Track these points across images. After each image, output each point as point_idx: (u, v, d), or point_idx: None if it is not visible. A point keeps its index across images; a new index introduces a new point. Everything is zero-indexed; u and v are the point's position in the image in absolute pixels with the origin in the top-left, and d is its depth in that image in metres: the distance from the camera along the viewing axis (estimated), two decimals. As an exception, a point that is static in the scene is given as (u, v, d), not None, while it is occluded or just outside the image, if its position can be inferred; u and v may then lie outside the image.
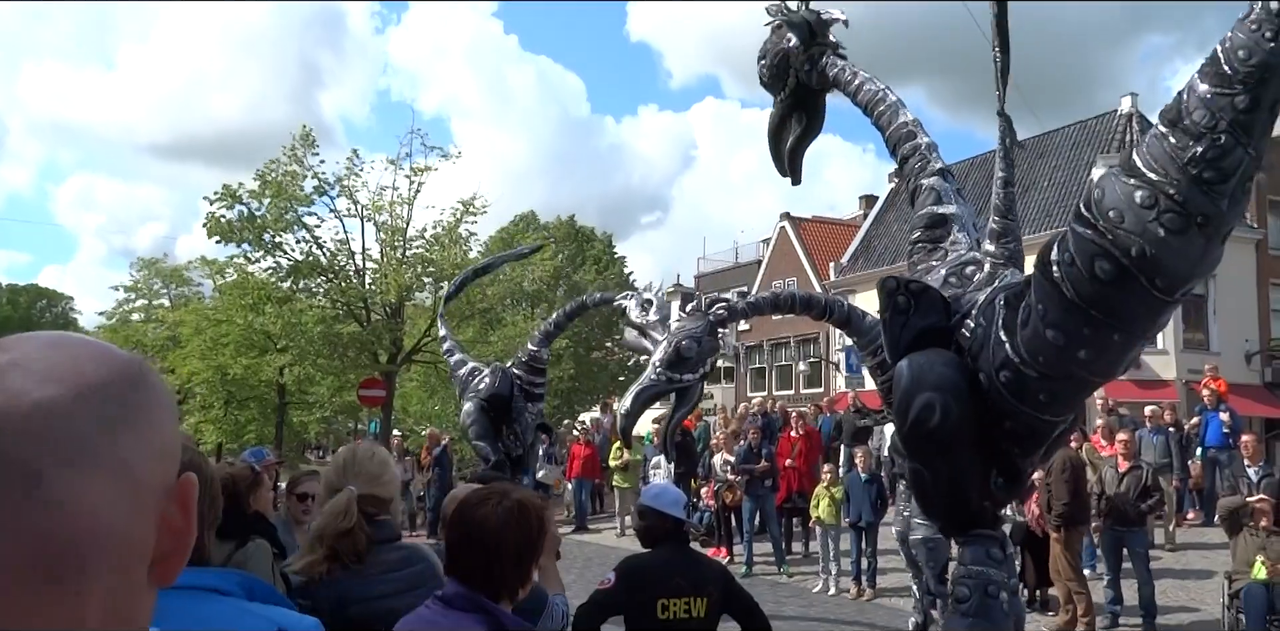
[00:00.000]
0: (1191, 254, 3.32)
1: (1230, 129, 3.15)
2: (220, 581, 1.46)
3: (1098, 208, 3.38)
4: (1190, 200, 3.18)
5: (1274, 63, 3.09)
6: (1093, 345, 3.57)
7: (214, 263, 27.21)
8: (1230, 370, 21.87)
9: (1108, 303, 3.45)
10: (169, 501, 0.69)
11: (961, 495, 4.07)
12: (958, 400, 3.89)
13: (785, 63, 5.64)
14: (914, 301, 4.23)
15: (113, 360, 0.69)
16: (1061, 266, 3.50)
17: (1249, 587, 7.35)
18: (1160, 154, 3.24)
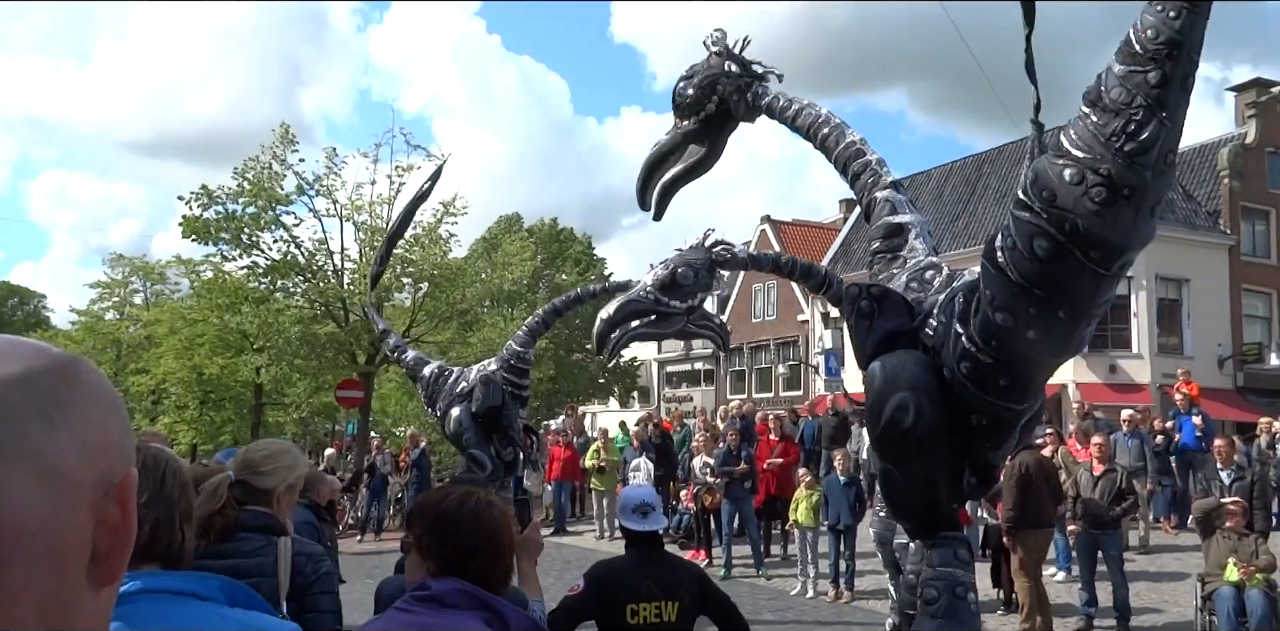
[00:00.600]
0: (1123, 225, 3.47)
1: (1146, 103, 3.33)
2: (200, 585, 1.44)
3: (1032, 189, 3.54)
4: (1116, 173, 3.35)
5: (1179, 39, 3.29)
6: (1040, 324, 3.71)
7: (190, 262, 26.93)
8: (1204, 374, 22.16)
9: (1049, 280, 3.59)
10: (107, 499, 0.68)
11: (933, 497, 4.13)
12: (931, 400, 3.97)
13: (712, 89, 5.69)
14: (877, 305, 4.37)
15: (38, 357, 0.68)
16: (1005, 251, 3.66)
17: (1221, 590, 7.43)
18: (1084, 133, 3.42)
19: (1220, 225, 24.74)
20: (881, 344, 4.28)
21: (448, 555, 1.91)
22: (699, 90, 5.75)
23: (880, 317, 4.35)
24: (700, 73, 5.81)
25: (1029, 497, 8.15)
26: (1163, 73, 3.34)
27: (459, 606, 1.79)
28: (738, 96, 5.65)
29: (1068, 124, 3.56)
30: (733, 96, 5.65)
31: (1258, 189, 25.15)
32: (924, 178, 32.19)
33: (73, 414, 0.67)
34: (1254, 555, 7.55)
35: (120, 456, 0.71)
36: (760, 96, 5.62)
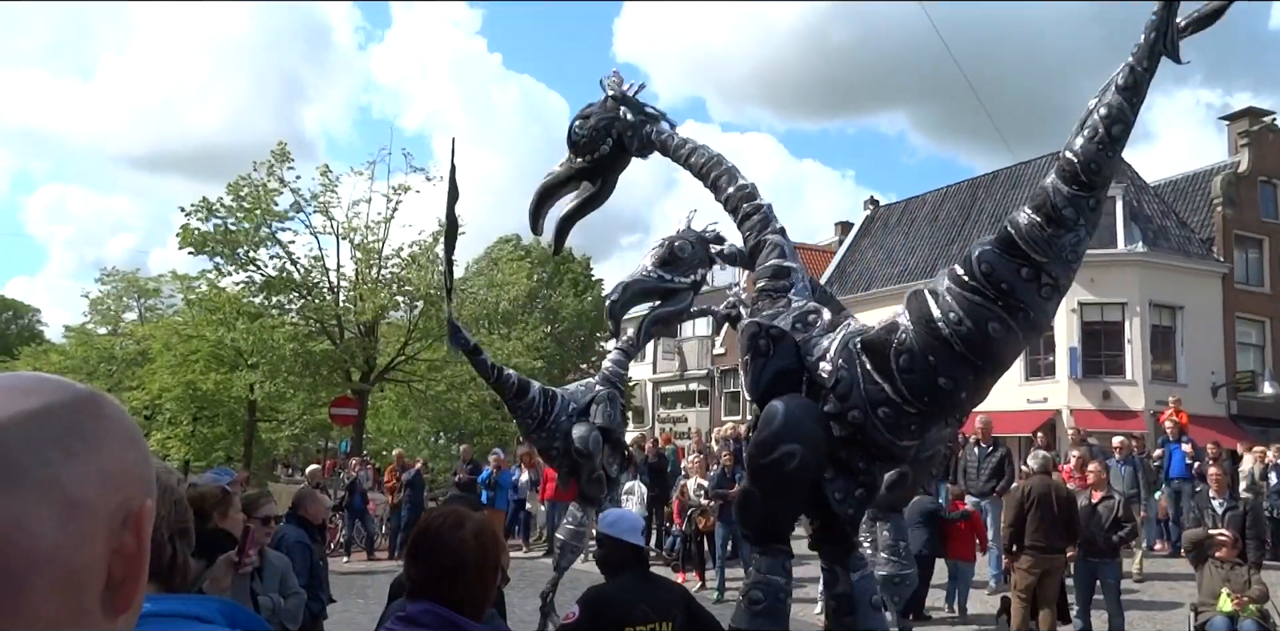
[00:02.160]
0: (1050, 315, 4.44)
1: (1085, 222, 4.26)
2: (201, 608, 1.44)
3: (989, 279, 4.27)
4: (1060, 276, 4.26)
5: (1110, 172, 4.30)
6: (973, 387, 4.50)
7: (184, 277, 26.92)
8: (1197, 402, 22.19)
9: (992, 353, 4.36)
10: (124, 529, 0.70)
11: (776, 520, 4.81)
12: (815, 454, 4.58)
13: (606, 131, 6.06)
14: (773, 345, 4.90)
15: (60, 391, 0.71)
16: (949, 324, 4.32)
17: (1214, 620, 7.41)
18: (1042, 241, 4.21)
19: (1214, 253, 24.88)
20: (773, 382, 4.82)
21: (415, 576, 2.00)
22: (594, 131, 6.09)
23: (774, 357, 4.87)
24: (596, 114, 6.16)
25: (1031, 522, 8.21)
26: (1097, 198, 4.26)
27: (428, 625, 1.87)
28: (633, 133, 6.02)
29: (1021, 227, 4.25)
30: (628, 132, 6.02)
31: (1251, 218, 25.33)
32: (919, 202, 32.38)
33: (92, 445, 0.69)
34: (1247, 585, 7.54)
35: (138, 486, 0.73)
36: (657, 134, 5.99)
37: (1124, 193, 24.18)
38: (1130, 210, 24.17)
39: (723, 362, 35.92)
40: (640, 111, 6.12)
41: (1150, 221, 24.64)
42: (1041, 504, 8.27)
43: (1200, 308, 24.12)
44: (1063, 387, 23.52)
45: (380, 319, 22.39)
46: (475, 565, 1.96)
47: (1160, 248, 24.09)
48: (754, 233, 5.54)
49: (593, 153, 6.15)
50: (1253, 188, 25.50)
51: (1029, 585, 8.23)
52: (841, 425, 4.65)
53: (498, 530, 2.13)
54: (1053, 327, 23.94)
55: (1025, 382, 23.79)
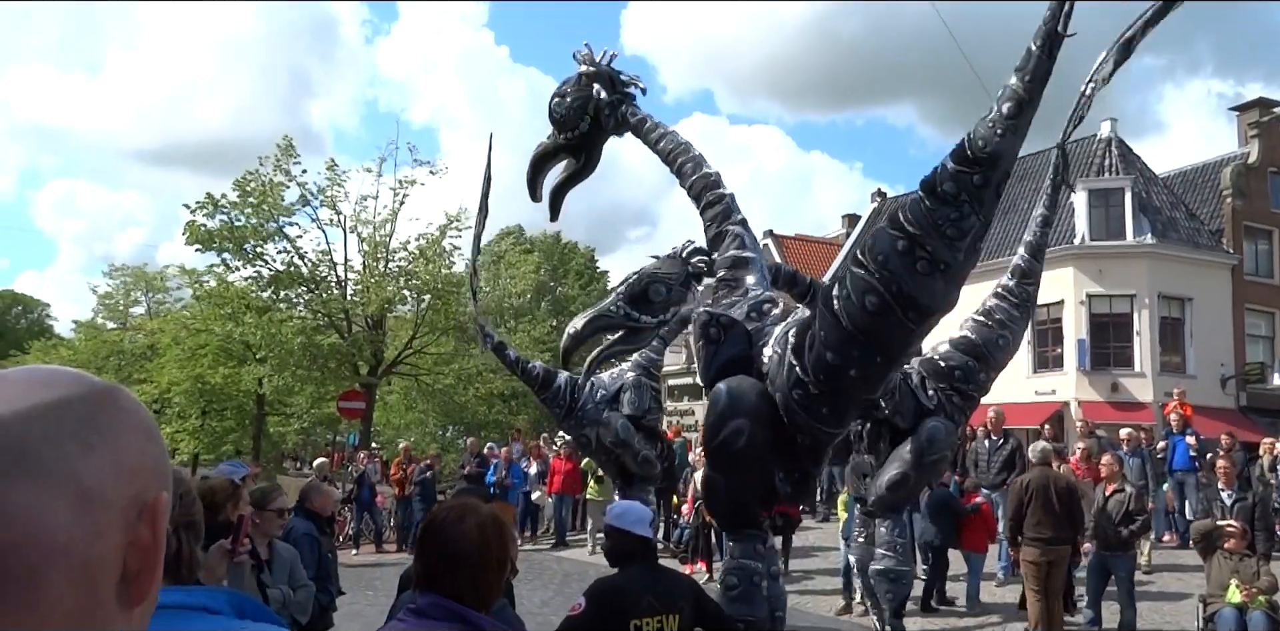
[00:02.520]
0: (936, 292, 4.33)
1: (969, 199, 4.21)
2: (209, 599, 1.45)
3: (870, 253, 4.36)
4: (937, 251, 4.22)
5: (1001, 152, 4.21)
6: (860, 365, 4.53)
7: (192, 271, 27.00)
8: (1206, 394, 22.12)
9: (873, 330, 4.40)
10: (140, 521, 0.70)
11: (744, 502, 4.90)
12: (762, 427, 4.71)
13: (584, 109, 6.24)
14: (724, 333, 5.09)
15: (76, 384, 0.72)
16: (840, 300, 4.44)
17: (1223, 611, 7.40)
18: (919, 214, 4.25)
19: (1223, 244, 24.76)
20: (723, 368, 5.01)
21: (421, 568, 2.02)
22: (570, 110, 6.30)
23: (725, 344, 5.06)
24: (571, 93, 6.34)
25: (1030, 514, 8.22)
26: (985, 176, 4.23)
27: (437, 619, 1.89)
28: (609, 111, 6.19)
29: (905, 203, 4.40)
30: (604, 111, 6.20)
31: (1260, 209, 25.18)
32: (927, 194, 32.28)
33: (108, 438, 0.70)
34: (1256, 576, 7.52)
35: (154, 479, 0.73)
36: (631, 114, 6.18)
37: (1132, 184, 24.05)
38: (1139, 202, 24.05)
39: (730, 355, 35.94)
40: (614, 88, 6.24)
41: (1159, 213, 24.51)
42: (1041, 496, 8.28)
43: (1209, 299, 24.01)
44: (1071, 379, 23.45)
45: (388, 312, 22.45)
46: (480, 557, 1.96)
47: (1169, 239, 23.97)
48: (715, 223, 5.72)
49: (573, 130, 6.33)
50: (1262, 179, 25.34)
51: (1038, 576, 8.23)
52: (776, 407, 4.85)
53: (507, 523, 2.13)
54: (1060, 319, 23.89)
55: (1033, 375, 23.73)
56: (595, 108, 6.20)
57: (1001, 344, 7.18)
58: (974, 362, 7.21)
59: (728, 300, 5.44)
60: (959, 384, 7.13)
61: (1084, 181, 24.52)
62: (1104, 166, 25.25)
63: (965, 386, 7.13)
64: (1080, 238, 24.01)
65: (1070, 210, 24.75)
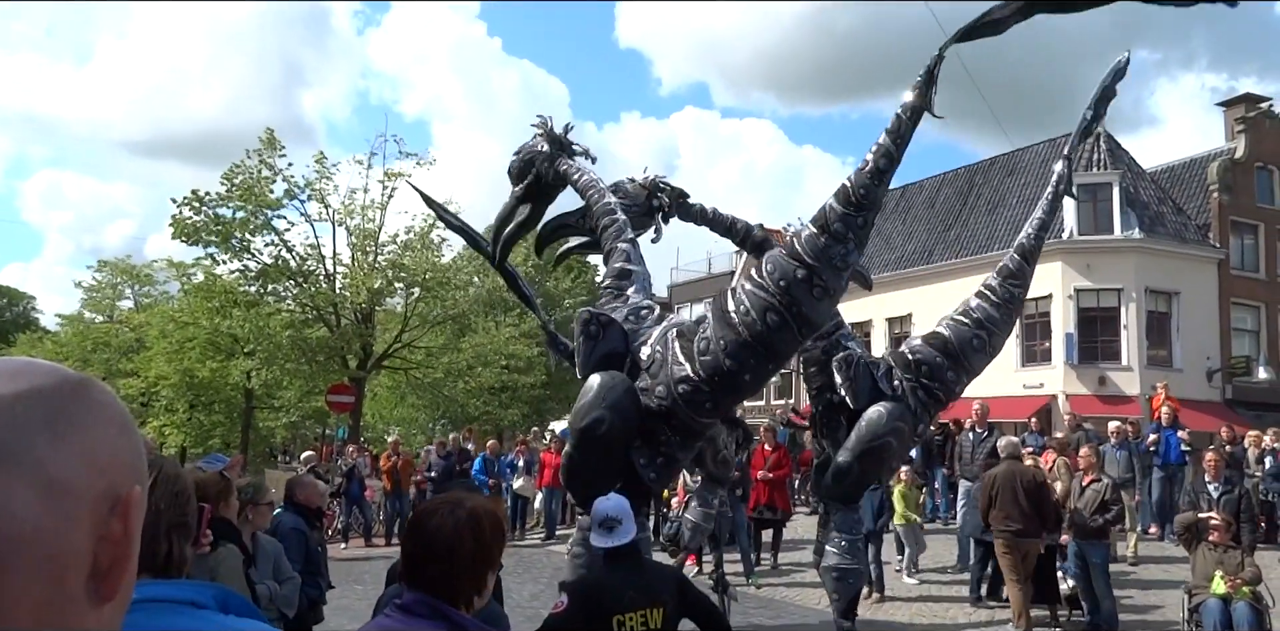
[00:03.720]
0: (824, 312, 5.38)
1: (853, 237, 5.23)
2: (195, 594, 1.44)
3: (771, 278, 5.27)
4: (830, 279, 5.22)
5: (877, 198, 5.31)
6: (754, 372, 5.39)
7: (180, 265, 26.85)
8: (1192, 387, 22.28)
9: (770, 342, 5.26)
10: (111, 515, 0.69)
11: (597, 481, 5.40)
12: (623, 419, 5.39)
13: (530, 165, 7.31)
14: (603, 331, 5.77)
15: (49, 375, 0.70)
16: (739, 315, 5.30)
17: (1208, 602, 7.46)
18: (816, 248, 5.23)
19: (1210, 239, 24.90)
20: (600, 361, 5.67)
21: (405, 561, 2.01)
22: (521, 165, 7.43)
23: (603, 341, 5.73)
24: (524, 150, 7.50)
25: (997, 507, 8.45)
26: (865, 218, 5.26)
27: (422, 616, 1.89)
28: (549, 165, 7.30)
29: (801, 236, 5.36)
30: (544, 164, 7.31)
31: (1246, 203, 25.32)
32: (916, 188, 32.33)
33: (79, 429, 0.68)
34: (1240, 567, 7.59)
35: (127, 473, 0.72)
36: (561, 165, 7.25)
37: (1120, 179, 24.15)
38: (1127, 196, 24.15)
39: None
40: (557, 147, 7.31)
41: (1147, 207, 24.62)
42: (1007, 489, 8.41)
43: (1196, 293, 24.15)
44: (1059, 373, 23.57)
45: (377, 305, 22.37)
46: (462, 551, 1.95)
47: (1157, 233, 24.09)
48: (609, 240, 6.72)
49: (522, 181, 7.42)
50: (1249, 173, 25.48)
51: (1013, 566, 8.37)
52: (650, 399, 5.55)
53: (498, 518, 2.11)
54: (1048, 313, 24.01)
55: (1021, 368, 23.85)
56: (538, 162, 7.27)
57: (976, 344, 7.16)
58: (942, 359, 7.23)
59: (611, 305, 6.25)
60: (924, 379, 7.17)
61: (1075, 175, 24.54)
62: (1092, 161, 25.33)
63: (930, 382, 7.16)
64: (1068, 232, 24.10)
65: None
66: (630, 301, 6.24)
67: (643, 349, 5.70)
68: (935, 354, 7.28)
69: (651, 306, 6.20)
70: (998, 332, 7.31)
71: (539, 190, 7.37)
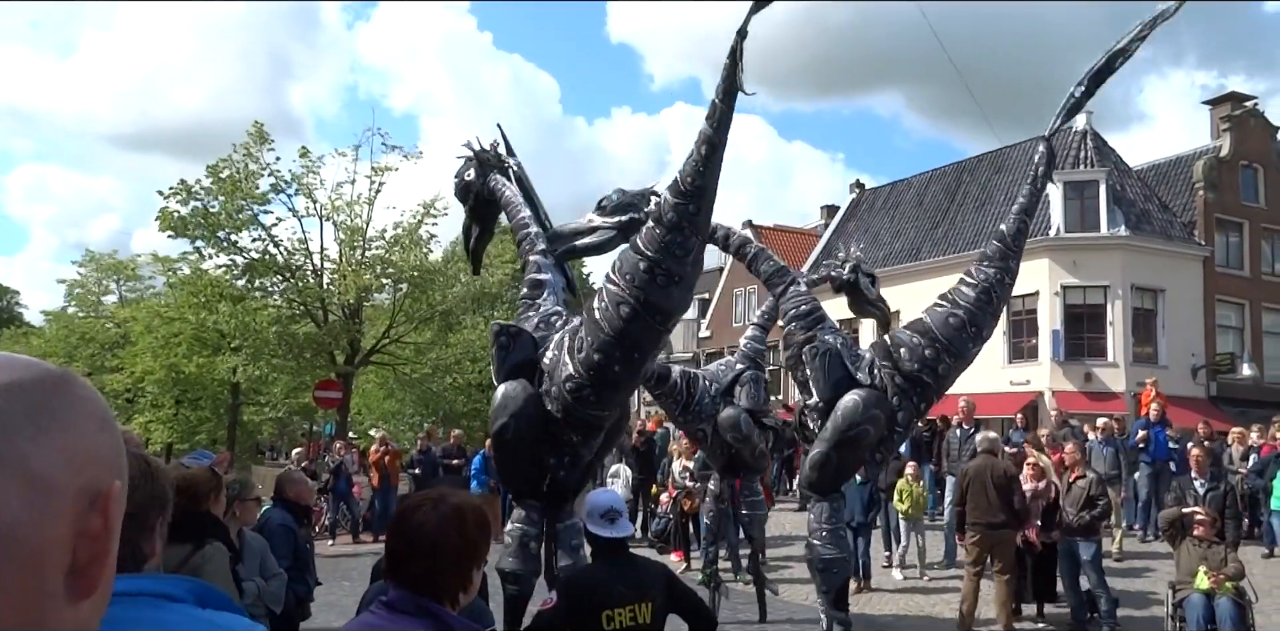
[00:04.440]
0: (674, 299, 5.54)
1: (687, 225, 5.33)
2: (172, 588, 1.42)
3: (619, 272, 5.54)
4: (671, 267, 5.38)
5: (705, 186, 5.31)
6: (621, 363, 5.69)
7: (166, 259, 26.67)
8: (1177, 384, 22.41)
9: (628, 333, 5.53)
10: (91, 510, 0.69)
11: (518, 477, 6.27)
12: (527, 425, 5.97)
13: (468, 188, 7.81)
14: (513, 341, 6.25)
15: (29, 369, 0.70)
16: (601, 311, 5.57)
17: (1191, 597, 7.52)
18: (654, 240, 5.43)
19: (1195, 236, 25.06)
20: (512, 370, 6.17)
21: (389, 561, 2.01)
22: (461, 191, 7.99)
23: (514, 350, 6.22)
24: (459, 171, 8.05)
25: (970, 501, 8.72)
26: (697, 206, 5.31)
27: (407, 613, 1.89)
28: (482, 182, 7.77)
29: (643, 230, 5.59)
30: (479, 185, 7.79)
31: (1231, 201, 25.50)
32: (905, 185, 32.43)
33: (60, 424, 0.68)
34: (1223, 563, 7.64)
35: (107, 468, 0.71)
36: (491, 182, 7.70)
37: (1107, 177, 24.28)
38: (1113, 194, 24.28)
39: (708, 345, 35.99)
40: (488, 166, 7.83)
41: (1133, 205, 24.76)
42: (978, 483, 8.66)
43: (1181, 290, 24.31)
44: (1045, 370, 23.70)
45: (364, 301, 22.28)
46: (446, 548, 1.94)
47: (1143, 231, 24.23)
48: (524, 254, 7.25)
49: (465, 201, 7.96)
50: (1234, 172, 25.65)
51: (976, 559, 8.70)
52: (550, 401, 5.99)
53: (483, 514, 2.09)
54: (1035, 310, 24.12)
55: (1008, 365, 23.96)
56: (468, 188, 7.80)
57: (954, 323, 7.22)
58: (919, 340, 7.32)
59: (525, 315, 6.77)
60: (904, 363, 7.23)
61: (1059, 174, 24.70)
62: (1079, 159, 25.45)
63: (910, 367, 7.21)
64: (1055, 229, 24.22)
65: (1046, 202, 24.92)
66: (541, 309, 6.72)
67: (546, 354, 6.16)
68: (912, 335, 7.37)
69: (560, 312, 6.64)
70: (978, 313, 7.31)
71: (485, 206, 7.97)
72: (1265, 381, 24.66)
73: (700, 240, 5.48)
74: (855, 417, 7.06)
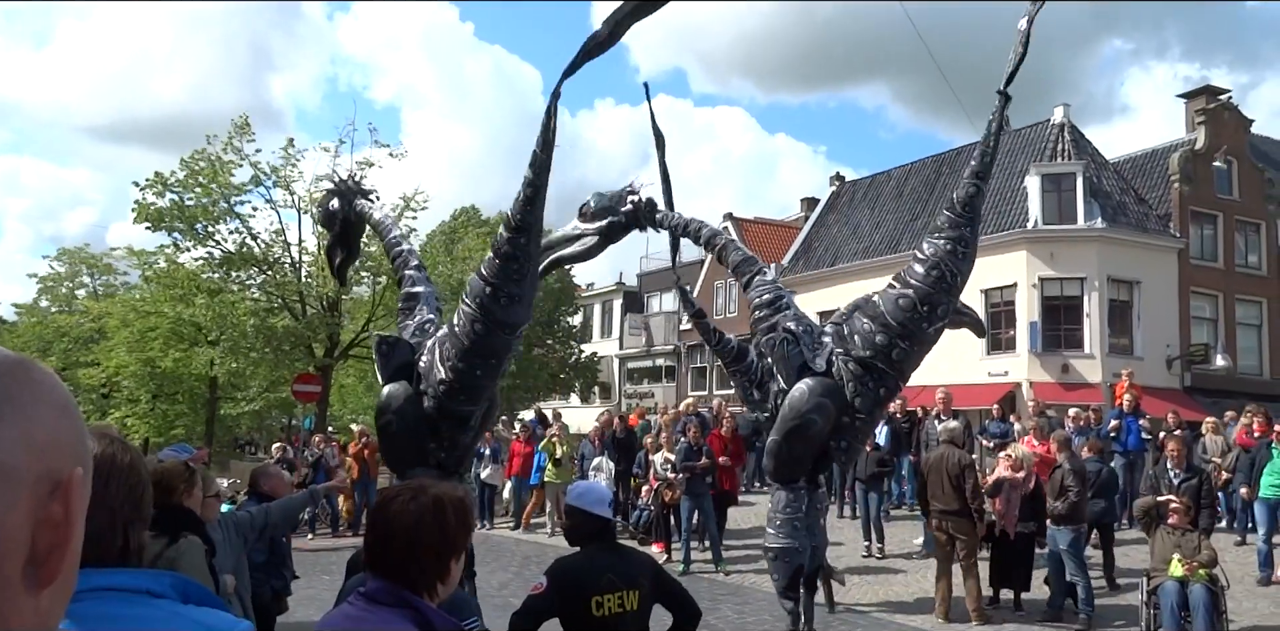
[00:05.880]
0: (516, 315, 6.56)
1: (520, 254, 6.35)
2: (153, 583, 1.41)
3: (470, 295, 6.60)
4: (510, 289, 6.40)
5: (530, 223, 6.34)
6: (481, 368, 6.71)
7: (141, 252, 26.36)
8: (1152, 374, 22.67)
9: (483, 345, 6.59)
10: (51, 498, 0.67)
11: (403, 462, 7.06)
12: (404, 419, 6.89)
13: (333, 215, 8.67)
14: (392, 349, 7.13)
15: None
16: (460, 328, 6.64)
17: (1165, 584, 7.62)
18: (493, 268, 6.44)
19: (1170, 229, 25.31)
20: (395, 372, 7.02)
21: (368, 552, 2.00)
22: (325, 219, 8.90)
23: (393, 356, 7.07)
24: (321, 201, 8.98)
25: (930, 488, 9.00)
26: (526, 238, 6.32)
27: (386, 604, 1.88)
28: (349, 208, 8.61)
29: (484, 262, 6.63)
30: (346, 210, 8.62)
31: (1206, 194, 25.76)
32: (885, 178, 32.54)
33: (19, 410, 0.67)
34: (1197, 550, 7.75)
35: (68, 455, 0.70)
36: (358, 207, 8.58)
37: (1084, 169, 24.46)
38: (1090, 187, 24.47)
39: (689, 338, 36.01)
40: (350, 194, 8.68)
41: (1109, 198, 24.97)
42: (936, 473, 8.89)
43: (1157, 282, 24.57)
44: (1023, 361, 23.89)
45: (343, 294, 22.13)
46: (425, 539, 1.93)
47: (1119, 223, 24.45)
48: (398, 269, 7.95)
49: (330, 229, 8.87)
50: (1208, 164, 25.91)
51: (941, 543, 8.96)
52: (427, 399, 6.88)
53: (463, 504, 2.08)
54: (1013, 302, 24.29)
55: (986, 356, 24.14)
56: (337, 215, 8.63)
57: (903, 304, 7.24)
58: (872, 325, 7.36)
59: (404, 323, 7.62)
60: (857, 349, 7.29)
61: (1037, 166, 24.89)
62: (1057, 151, 25.63)
63: (864, 352, 7.28)
64: (1033, 222, 24.39)
65: (1024, 194, 25.12)
66: (417, 319, 7.56)
67: (422, 358, 7.03)
68: (865, 320, 7.40)
69: (433, 320, 7.53)
70: (929, 290, 7.24)
71: (349, 231, 8.90)
72: (1238, 372, 24.99)
73: (533, 265, 6.53)
74: (801, 407, 7.17)
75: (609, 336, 40.80)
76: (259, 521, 4.68)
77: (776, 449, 7.44)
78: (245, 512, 4.80)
